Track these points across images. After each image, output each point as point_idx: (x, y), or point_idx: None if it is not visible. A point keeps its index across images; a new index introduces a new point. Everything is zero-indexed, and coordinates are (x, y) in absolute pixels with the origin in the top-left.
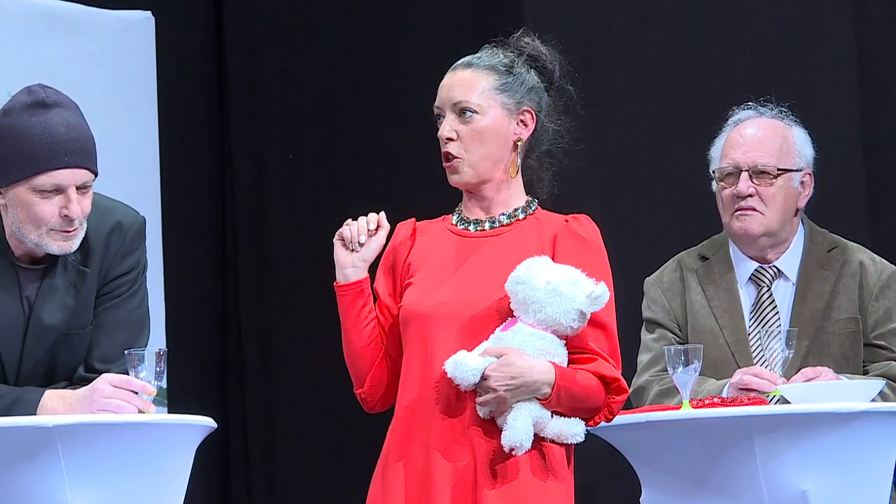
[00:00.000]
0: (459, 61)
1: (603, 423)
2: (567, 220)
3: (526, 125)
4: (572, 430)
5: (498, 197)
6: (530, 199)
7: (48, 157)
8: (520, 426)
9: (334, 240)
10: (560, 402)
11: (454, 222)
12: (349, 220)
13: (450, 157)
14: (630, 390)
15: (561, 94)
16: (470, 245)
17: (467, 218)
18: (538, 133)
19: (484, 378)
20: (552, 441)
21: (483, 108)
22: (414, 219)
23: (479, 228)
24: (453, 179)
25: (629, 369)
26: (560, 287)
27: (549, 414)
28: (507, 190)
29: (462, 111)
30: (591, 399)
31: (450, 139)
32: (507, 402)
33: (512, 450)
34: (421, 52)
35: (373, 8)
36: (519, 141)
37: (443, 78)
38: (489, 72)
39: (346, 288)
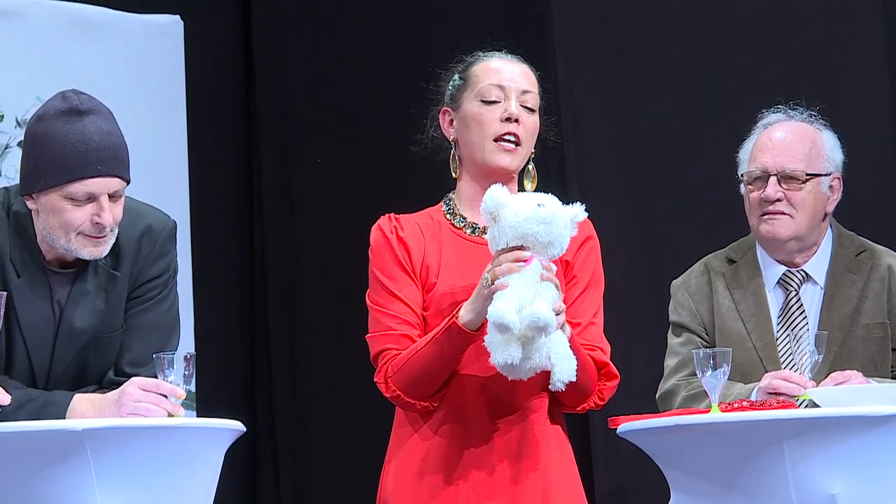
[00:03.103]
0: (502, 53)
1: (625, 426)
2: None
3: (539, 131)
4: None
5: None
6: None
7: (81, 165)
8: (571, 355)
9: (491, 290)
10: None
11: (459, 226)
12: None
13: (515, 140)
14: (657, 394)
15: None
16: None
17: (473, 223)
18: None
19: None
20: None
21: (537, 107)
22: (401, 215)
23: None
24: (508, 162)
25: (656, 373)
26: (568, 219)
27: None
28: (514, 186)
29: (526, 102)
30: (587, 370)
31: (518, 121)
32: None
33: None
34: (448, 55)
35: (401, 10)
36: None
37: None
38: (535, 75)
39: (478, 335)
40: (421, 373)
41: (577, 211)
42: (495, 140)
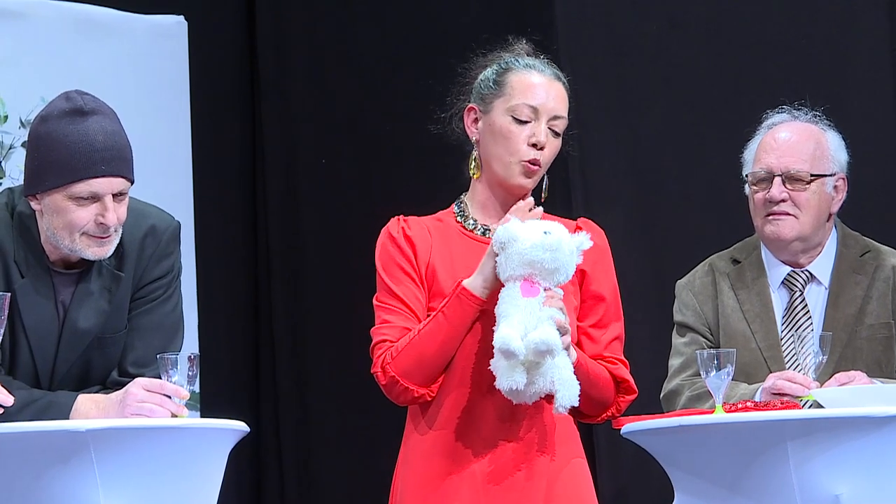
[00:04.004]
0: (542, 64)
1: (628, 427)
2: (580, 227)
3: None
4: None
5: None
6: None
7: (85, 165)
8: (574, 381)
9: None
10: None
11: (470, 228)
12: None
13: (538, 163)
14: (660, 395)
15: None
16: None
17: (484, 225)
18: None
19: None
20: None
21: (563, 131)
22: (410, 217)
23: None
24: (526, 183)
25: (660, 373)
26: (574, 247)
27: None
28: (528, 195)
29: (555, 127)
30: (602, 387)
31: (543, 148)
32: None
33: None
34: (452, 57)
35: (404, 13)
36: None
37: (487, 73)
38: (568, 94)
39: (485, 303)
40: (424, 351)
41: (583, 239)
42: (520, 161)
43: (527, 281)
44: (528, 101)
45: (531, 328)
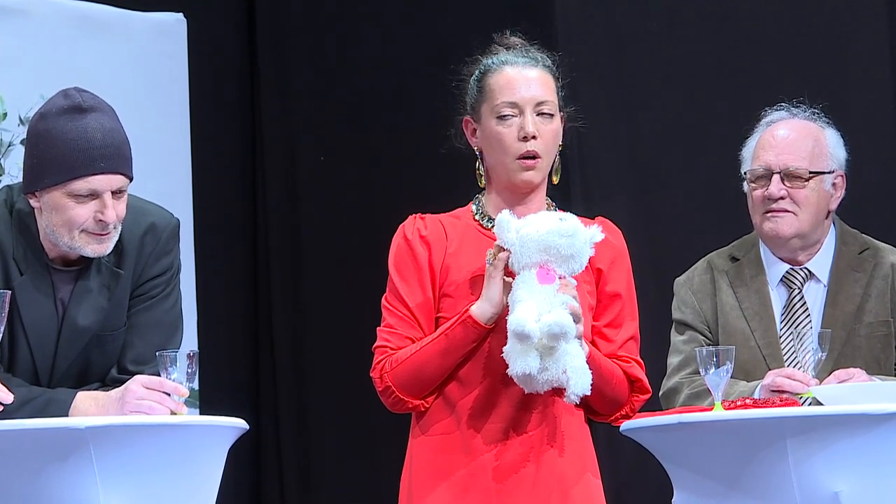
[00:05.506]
0: (515, 54)
1: (628, 424)
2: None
3: (563, 126)
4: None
5: (537, 199)
6: (548, 199)
7: (84, 162)
8: (587, 369)
9: (497, 270)
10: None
11: (487, 227)
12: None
13: (534, 155)
14: (660, 392)
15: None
16: None
17: None
18: None
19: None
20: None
21: (556, 110)
22: (427, 215)
23: None
24: (530, 177)
25: (659, 371)
26: (588, 238)
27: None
28: (542, 192)
29: (543, 111)
30: (615, 385)
31: (535, 137)
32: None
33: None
34: (452, 54)
35: (404, 13)
36: (561, 144)
37: (483, 76)
38: (550, 73)
39: (490, 330)
40: (422, 368)
41: (594, 232)
42: (517, 158)
43: (542, 268)
44: (506, 99)
45: (545, 313)
